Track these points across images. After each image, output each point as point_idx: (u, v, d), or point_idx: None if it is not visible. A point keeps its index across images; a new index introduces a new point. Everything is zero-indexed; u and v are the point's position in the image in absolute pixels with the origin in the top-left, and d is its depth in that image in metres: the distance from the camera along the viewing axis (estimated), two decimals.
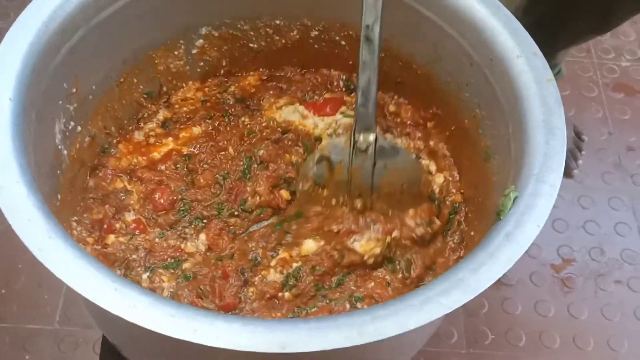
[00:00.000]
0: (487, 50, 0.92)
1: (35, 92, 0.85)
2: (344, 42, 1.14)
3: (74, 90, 0.96)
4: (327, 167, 0.99)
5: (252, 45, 1.17)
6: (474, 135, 0.99)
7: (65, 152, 0.97)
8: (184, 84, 1.20)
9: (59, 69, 0.90)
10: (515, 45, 0.89)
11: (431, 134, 1.13)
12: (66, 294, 1.31)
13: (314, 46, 1.16)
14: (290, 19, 1.12)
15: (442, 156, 1.12)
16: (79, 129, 1.01)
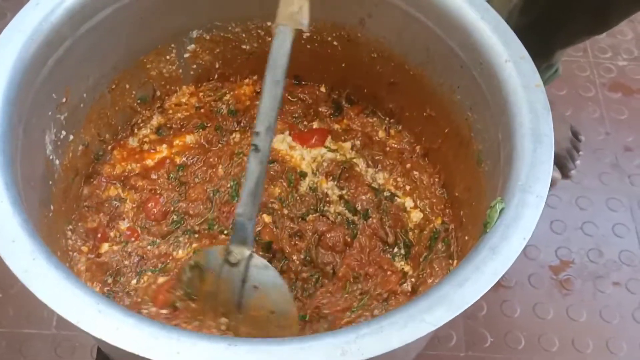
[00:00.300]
0: (476, 53, 0.91)
1: (21, 107, 0.84)
2: (335, 43, 1.14)
3: (64, 99, 0.96)
4: (198, 276, 0.89)
5: (244, 46, 1.17)
6: (467, 138, 0.99)
7: (57, 162, 0.97)
8: (177, 88, 1.21)
9: (47, 81, 0.90)
10: (503, 49, 0.88)
11: (418, 162, 1.15)
12: None
13: (307, 47, 1.16)
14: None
15: (426, 185, 1.13)
16: (71, 137, 1.01)
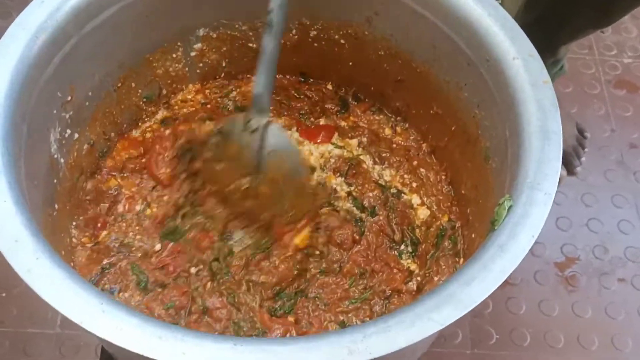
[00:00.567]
0: (483, 50, 0.91)
1: (25, 106, 0.84)
2: (343, 41, 1.14)
3: (69, 98, 0.96)
4: (223, 141, 1.01)
5: (251, 44, 1.17)
6: (474, 135, 0.99)
7: (62, 161, 0.97)
8: (183, 86, 1.20)
9: (51, 79, 0.89)
10: (511, 46, 0.88)
11: (425, 159, 1.16)
12: None
13: (314, 45, 1.16)
14: (288, 18, 1.11)
15: (433, 182, 1.13)
16: (76, 136, 1.01)
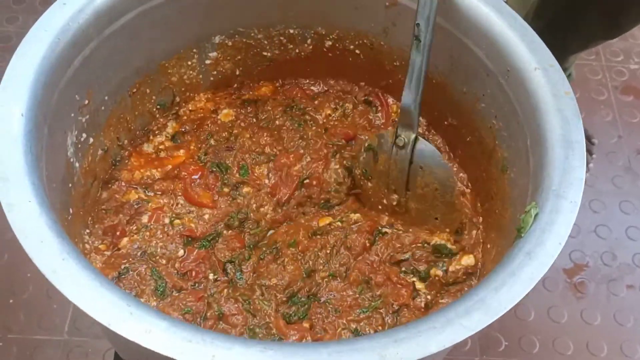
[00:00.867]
0: (503, 61, 0.91)
1: (47, 106, 0.84)
2: (358, 51, 1.13)
3: (87, 102, 0.96)
4: (372, 158, 1.04)
5: (265, 53, 1.16)
6: (490, 146, 0.99)
7: (77, 165, 0.97)
8: (195, 95, 1.19)
9: (71, 82, 0.90)
10: (532, 57, 0.88)
11: None
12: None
13: (328, 55, 1.16)
14: (304, 28, 1.12)
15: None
16: (91, 140, 1.01)
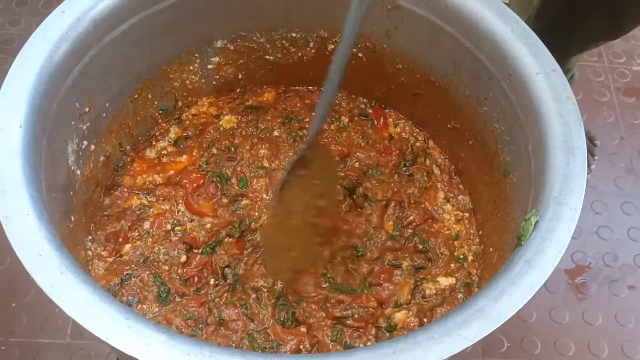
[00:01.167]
0: (505, 65, 0.92)
1: (46, 115, 0.84)
2: (360, 54, 1.14)
3: (87, 109, 0.96)
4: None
5: (268, 57, 1.17)
6: (492, 149, 0.99)
7: (78, 173, 0.97)
8: (198, 99, 1.20)
9: (71, 90, 0.90)
10: (534, 61, 0.88)
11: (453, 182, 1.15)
12: None
13: (331, 58, 1.14)
14: (306, 31, 1.12)
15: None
16: (93, 147, 1.01)
